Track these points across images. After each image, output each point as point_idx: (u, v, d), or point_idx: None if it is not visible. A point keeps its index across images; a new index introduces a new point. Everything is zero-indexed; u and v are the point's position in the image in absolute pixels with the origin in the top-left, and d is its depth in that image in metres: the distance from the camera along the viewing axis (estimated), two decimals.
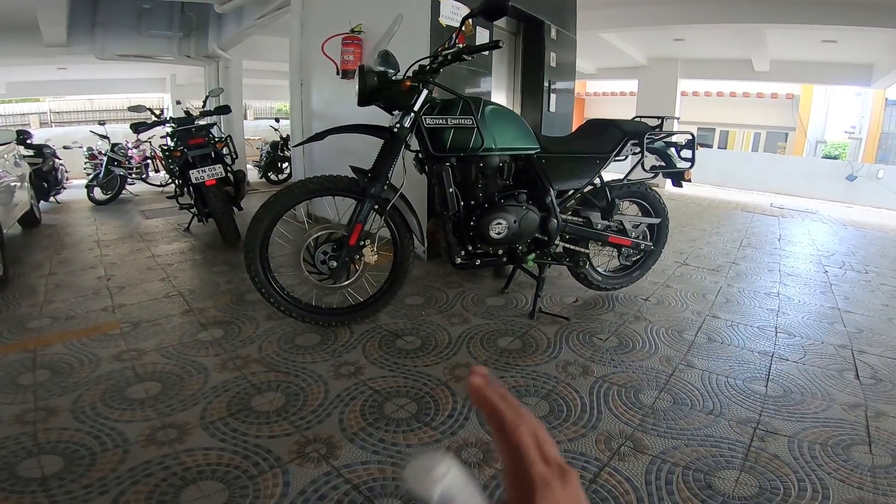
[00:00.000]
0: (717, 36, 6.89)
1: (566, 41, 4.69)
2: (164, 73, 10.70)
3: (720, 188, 8.83)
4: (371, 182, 2.04)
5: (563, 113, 4.80)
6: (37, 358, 1.96)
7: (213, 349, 2.05)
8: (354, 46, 3.62)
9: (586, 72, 9.76)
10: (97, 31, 6.68)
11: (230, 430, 1.52)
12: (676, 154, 2.59)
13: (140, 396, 1.70)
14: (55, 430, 1.51)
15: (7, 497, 1.25)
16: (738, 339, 2.29)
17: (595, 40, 6.93)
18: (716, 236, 4.53)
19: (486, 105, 2.16)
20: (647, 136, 2.42)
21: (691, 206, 6.32)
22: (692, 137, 2.58)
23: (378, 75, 2.04)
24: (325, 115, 4.25)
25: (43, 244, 3.91)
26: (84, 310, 2.48)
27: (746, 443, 1.53)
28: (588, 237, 2.50)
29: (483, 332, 2.26)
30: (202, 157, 3.56)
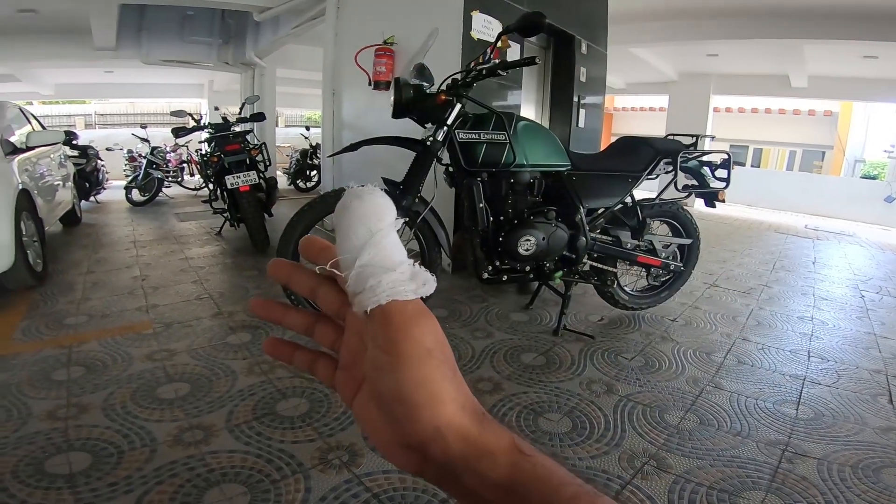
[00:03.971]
0: (752, 51, 6.74)
1: (596, 56, 4.68)
2: (203, 79, 11.07)
3: (752, 208, 8.59)
4: (402, 194, 2.06)
5: (592, 128, 4.77)
6: (72, 354, 2.03)
7: (240, 353, 2.09)
8: (387, 58, 3.68)
9: (615, 87, 9.69)
10: (143, 37, 6.98)
11: (255, 434, 1.54)
12: (711, 173, 2.54)
13: (169, 397, 1.74)
14: (86, 427, 1.55)
15: (32, 493, 1.27)
16: (769, 362, 2.23)
17: (625, 55, 6.88)
18: (747, 258, 4.40)
19: (518, 120, 2.17)
20: (680, 154, 2.39)
21: (722, 226, 6.17)
22: (728, 157, 2.52)
23: (413, 88, 2.07)
24: (355, 125, 4.32)
25: (82, 243, 4.07)
26: (119, 308, 2.56)
27: (774, 464, 1.50)
28: (617, 256, 2.46)
29: (507, 347, 2.24)
30: (237, 164, 3.67)
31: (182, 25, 7.02)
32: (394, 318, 0.26)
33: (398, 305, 0.26)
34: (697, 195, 2.61)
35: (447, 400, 0.27)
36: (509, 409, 1.75)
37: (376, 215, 0.27)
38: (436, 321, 0.28)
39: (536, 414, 1.72)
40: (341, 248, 0.28)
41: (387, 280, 0.26)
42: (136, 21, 6.74)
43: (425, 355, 0.26)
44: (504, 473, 0.26)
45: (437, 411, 0.26)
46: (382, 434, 0.29)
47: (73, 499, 1.26)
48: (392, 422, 0.28)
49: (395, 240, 0.28)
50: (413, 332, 0.26)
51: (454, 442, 0.26)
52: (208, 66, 7.86)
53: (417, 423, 0.26)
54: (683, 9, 5.74)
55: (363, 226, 0.27)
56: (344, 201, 0.28)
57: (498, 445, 0.27)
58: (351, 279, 0.27)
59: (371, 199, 0.28)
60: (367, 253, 0.27)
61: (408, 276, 0.27)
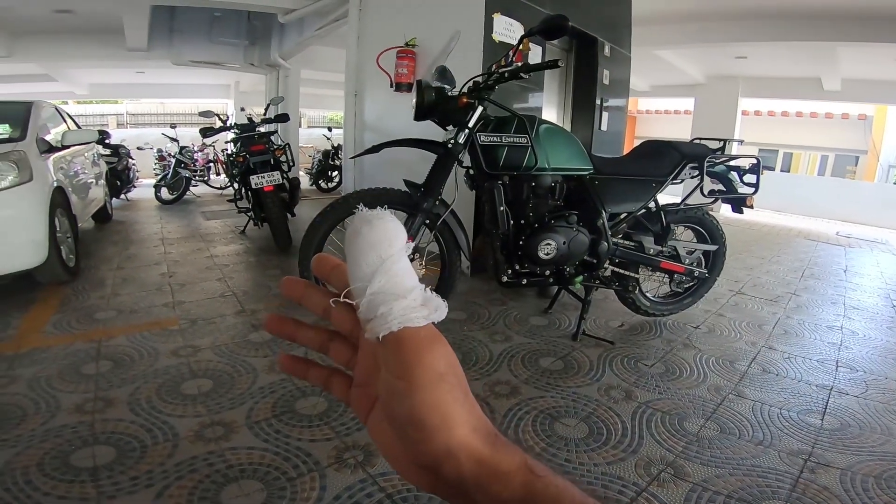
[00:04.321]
0: (783, 53, 6.56)
1: (620, 58, 4.62)
2: (230, 80, 11.32)
3: (782, 214, 8.35)
4: (423, 197, 2.06)
5: (615, 131, 4.71)
6: (101, 349, 2.10)
7: (262, 350, 2.13)
8: (408, 60, 3.70)
9: (639, 89, 9.54)
10: (174, 38, 7.20)
11: (273, 431, 1.56)
12: (739, 178, 2.48)
13: (193, 392, 1.78)
14: (111, 421, 1.59)
15: (56, 486, 1.30)
16: (795, 371, 2.17)
17: (649, 57, 6.76)
18: (775, 265, 4.28)
19: (540, 124, 2.15)
20: (707, 159, 2.34)
21: (749, 233, 6.02)
22: (757, 161, 2.46)
23: (435, 91, 2.07)
24: (377, 126, 4.36)
25: (113, 239, 4.20)
26: (147, 304, 2.63)
27: (795, 474, 1.47)
28: (639, 262, 2.43)
29: (525, 350, 2.23)
30: (262, 164, 3.73)
31: (210, 27, 7.20)
32: (406, 345, 0.27)
33: (410, 332, 0.27)
34: (724, 201, 2.55)
35: (459, 423, 0.27)
36: (525, 413, 1.74)
37: (387, 241, 0.27)
38: (447, 346, 0.28)
39: (553, 419, 1.71)
40: (352, 276, 0.28)
41: (398, 307, 0.27)
42: (167, 22, 6.94)
43: (437, 380, 0.27)
44: (516, 495, 0.26)
45: (449, 434, 0.27)
46: (396, 453, 0.29)
47: (96, 492, 1.28)
48: (405, 442, 0.28)
49: (405, 265, 0.28)
50: (425, 357, 0.27)
51: (466, 463, 0.27)
52: (235, 67, 8.04)
53: (430, 444, 0.27)
54: (711, 11, 5.62)
55: (374, 252, 0.27)
56: (354, 227, 0.28)
57: (510, 466, 0.27)
58: (363, 306, 0.27)
59: (381, 225, 0.28)
60: (378, 280, 0.27)
61: (419, 302, 0.27)
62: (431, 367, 0.27)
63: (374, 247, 0.27)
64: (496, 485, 0.27)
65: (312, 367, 0.34)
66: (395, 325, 0.26)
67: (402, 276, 0.27)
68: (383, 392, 0.29)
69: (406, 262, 0.28)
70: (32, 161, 2.71)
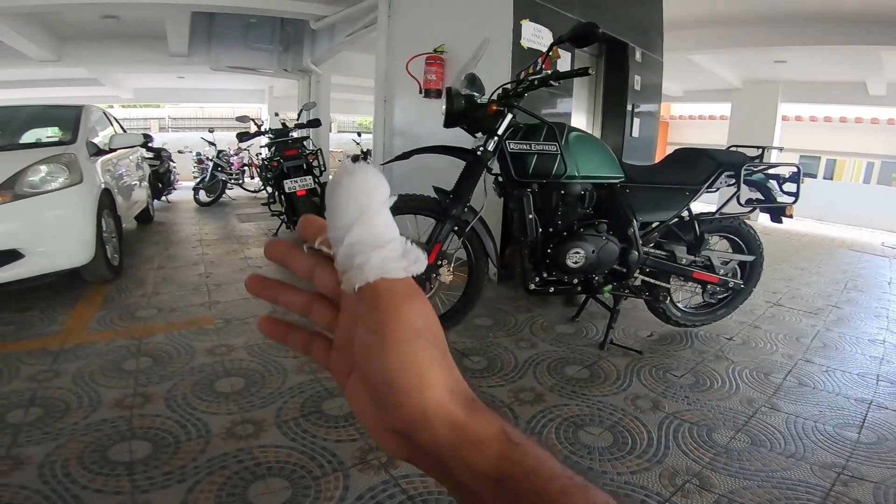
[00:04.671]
0: (825, 57, 6.31)
1: (651, 63, 4.54)
2: (264, 86, 11.64)
3: (824, 223, 8.01)
4: (452, 203, 2.08)
5: (647, 137, 4.63)
6: (141, 346, 2.19)
7: (292, 352, 2.17)
8: (437, 66, 3.73)
9: (672, 94, 9.33)
10: (212, 44, 7.47)
11: (301, 431, 1.60)
12: (778, 187, 2.40)
13: (226, 390, 1.84)
14: (149, 417, 1.65)
15: (94, 479, 1.35)
16: (833, 384, 2.10)
17: (683, 62, 6.62)
18: (816, 276, 4.11)
19: (570, 131, 2.14)
20: (745, 167, 2.27)
21: (789, 242, 5.80)
22: (798, 170, 2.38)
23: (465, 98, 2.09)
24: (406, 132, 4.41)
25: (154, 240, 4.38)
26: (185, 304, 2.74)
27: (827, 487, 1.43)
28: (670, 272, 2.38)
29: (550, 358, 2.21)
30: (295, 168, 3.83)
31: (246, 33, 7.46)
32: (382, 297, 0.26)
33: (387, 283, 0.26)
34: (763, 210, 2.48)
35: (435, 384, 0.26)
36: (549, 420, 1.72)
37: (367, 192, 0.26)
38: (427, 302, 0.27)
39: (577, 427, 1.69)
40: (331, 226, 0.27)
41: (376, 257, 0.26)
42: (206, 28, 7.22)
43: (413, 336, 0.25)
44: (493, 464, 0.25)
45: (424, 396, 0.25)
46: (372, 418, 0.28)
47: (130, 486, 1.33)
48: (380, 406, 0.27)
49: (386, 217, 0.27)
50: (401, 311, 0.26)
51: (442, 429, 0.25)
52: (269, 72, 8.28)
53: (404, 407, 0.26)
54: (747, 14, 5.47)
55: (353, 202, 0.26)
56: (335, 177, 0.27)
57: (487, 433, 0.26)
58: (340, 257, 0.26)
59: (363, 176, 0.27)
60: (357, 230, 0.26)
61: (398, 253, 0.26)
62: (407, 321, 0.26)
63: (354, 197, 0.26)
64: (472, 453, 0.25)
65: (293, 330, 0.33)
66: (372, 276, 0.25)
67: (381, 228, 0.26)
68: (359, 350, 0.27)
69: (388, 215, 0.27)
70: (82, 164, 2.86)
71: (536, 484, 0.24)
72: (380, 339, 0.25)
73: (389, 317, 0.25)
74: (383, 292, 0.26)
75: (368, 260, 0.25)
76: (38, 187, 2.56)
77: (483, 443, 0.25)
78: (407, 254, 0.26)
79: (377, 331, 0.26)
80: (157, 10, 5.61)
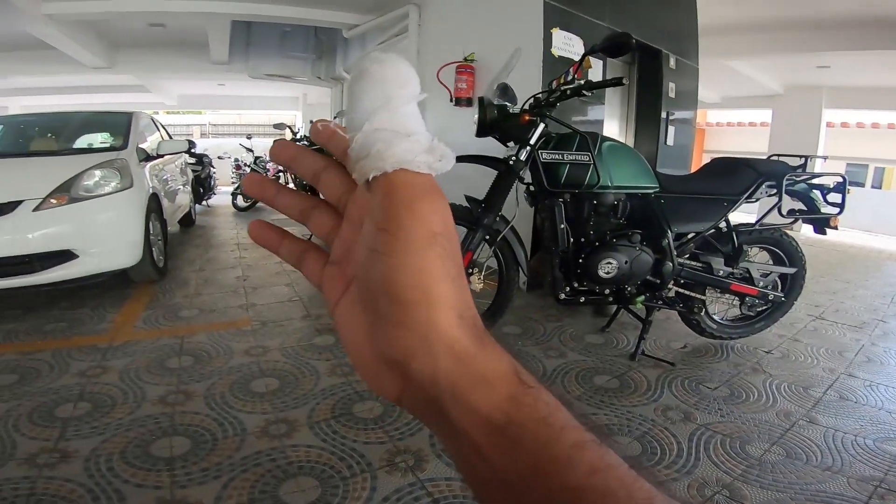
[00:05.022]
0: (870, 62, 6.03)
1: (686, 70, 4.45)
2: (298, 93, 11.97)
3: (871, 234, 7.62)
4: (484, 212, 2.09)
5: (682, 145, 4.53)
6: (184, 345, 2.29)
7: (325, 354, 2.23)
8: (467, 75, 3.76)
9: (708, 101, 9.09)
10: (251, 52, 7.77)
11: (331, 432, 1.64)
12: (822, 197, 2.32)
13: (261, 390, 1.90)
14: (189, 414, 1.72)
15: (136, 473, 1.41)
16: (876, 399, 2.02)
17: (720, 68, 6.45)
18: (862, 290, 3.93)
19: (603, 141, 2.13)
20: (787, 177, 2.21)
21: (834, 254, 5.55)
22: (843, 180, 2.29)
23: (497, 108, 2.11)
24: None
25: (195, 242, 4.57)
26: (224, 305, 2.84)
27: (864, 500, 1.39)
28: (706, 283, 2.32)
29: (579, 368, 2.19)
30: None
31: (281, 42, 7.72)
32: (399, 190, 0.22)
33: (406, 176, 0.22)
34: (806, 221, 2.40)
35: (444, 303, 0.22)
36: None
37: (397, 82, 0.23)
38: (447, 206, 0.23)
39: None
40: (350, 112, 0.24)
41: (398, 146, 0.22)
42: (244, 37, 7.51)
43: (429, 239, 0.22)
44: (498, 407, 0.22)
45: (430, 313, 0.22)
46: (361, 344, 0.25)
47: (170, 481, 1.39)
48: (375, 324, 0.23)
49: (414, 110, 0.24)
50: (419, 208, 0.22)
51: (444, 359, 0.22)
52: (303, 80, 8.51)
53: (404, 325, 0.22)
54: (786, 19, 5.29)
55: (379, 90, 0.23)
56: (360, 64, 0.24)
57: (496, 372, 0.22)
58: (356, 142, 0.23)
59: (393, 64, 0.23)
60: (380, 116, 0.23)
61: (424, 146, 0.23)
62: (424, 221, 0.22)
63: (381, 84, 0.23)
64: (475, 393, 0.22)
65: (286, 238, 0.30)
66: (391, 166, 0.22)
67: (408, 118, 0.23)
68: (361, 256, 0.24)
69: (416, 109, 0.24)
70: (133, 169, 3.02)
71: (546, 434, 0.21)
72: (389, 237, 0.22)
73: (404, 213, 0.22)
74: (400, 185, 0.22)
75: (389, 147, 0.22)
76: (92, 191, 2.71)
77: (489, 381, 0.22)
78: (433, 149, 0.23)
79: (388, 227, 0.22)
80: (200, 18, 5.87)
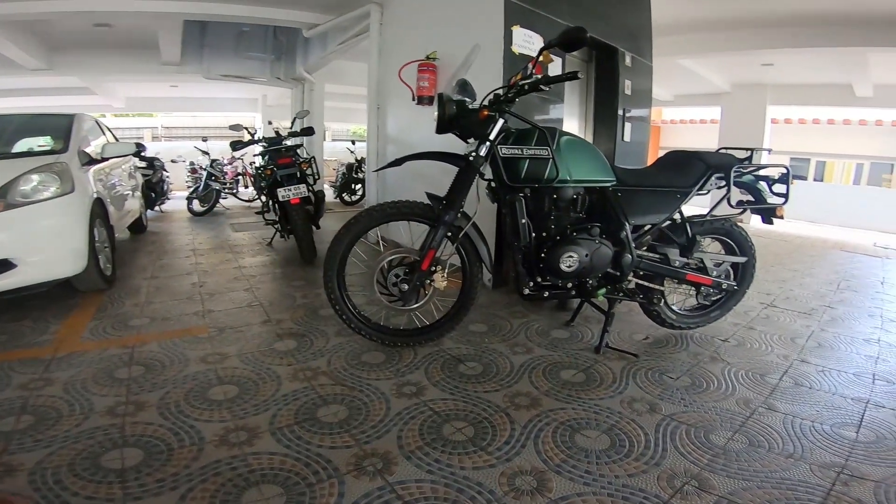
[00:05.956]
0: (811, 60, 6.40)
1: (641, 68, 4.58)
2: (257, 94, 11.67)
3: (816, 225, 8.08)
4: (445, 209, 2.08)
5: (638, 142, 4.67)
6: (134, 354, 2.17)
7: (286, 359, 2.17)
8: (429, 73, 3.75)
9: (663, 99, 9.44)
10: (205, 52, 7.49)
11: (295, 438, 1.59)
12: (768, 188, 2.42)
13: (219, 398, 1.82)
14: (141, 424, 1.64)
15: (85, 486, 1.34)
16: (830, 384, 2.11)
17: (672, 66, 6.69)
18: (809, 277, 4.14)
19: (561, 136, 2.16)
20: (734, 169, 2.30)
21: (782, 245, 5.84)
22: (787, 171, 2.41)
23: (456, 104, 2.10)
24: (400, 139, 4.42)
25: (147, 249, 4.36)
26: (178, 312, 2.72)
27: (827, 487, 1.43)
28: (664, 274, 2.39)
29: (546, 363, 2.21)
30: (289, 177, 3.82)
31: (238, 42, 7.48)
32: None
33: None
34: (753, 211, 2.50)
35: None
36: (546, 424, 1.72)
37: None
38: None
39: (573, 430, 1.69)
40: None
41: None
42: (198, 37, 7.24)
43: None
44: None
45: None
46: None
47: (122, 493, 1.32)
48: None
49: None
50: None
51: None
52: (262, 80, 8.30)
53: None
54: (732, 18, 5.53)
55: None
56: None
57: None
58: None
59: None
60: None
61: None
62: None
63: None
64: None
65: None
66: None
67: None
68: None
69: None
70: (74, 173, 2.85)
71: None
72: None
73: None
74: None
75: None
76: (29, 196, 2.55)
77: None
78: None
79: None
80: (149, 18, 5.62)
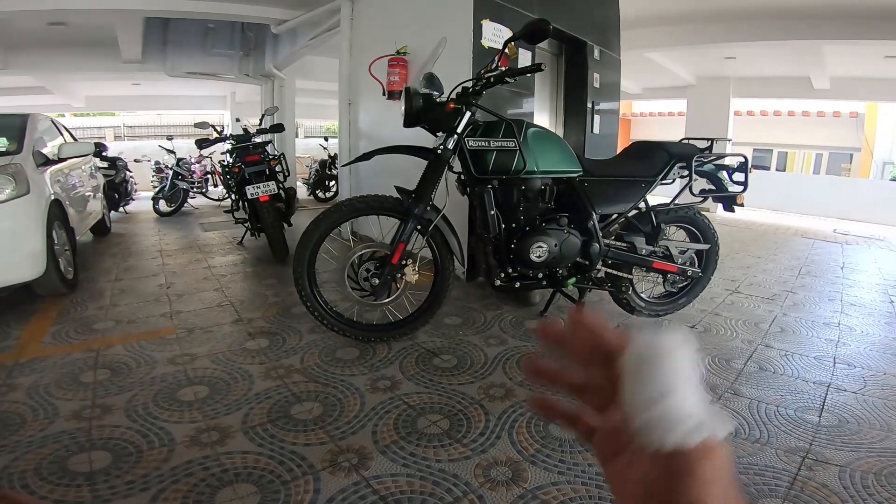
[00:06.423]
0: (771, 53, 6.62)
1: (610, 61, 4.66)
2: (225, 91, 11.39)
3: (778, 213, 8.38)
4: (415, 203, 2.09)
5: (608, 134, 4.75)
6: (99, 357, 2.11)
7: (258, 358, 2.14)
8: (400, 68, 3.74)
9: (631, 92, 9.60)
10: (168, 49, 7.24)
11: (269, 436, 1.58)
12: (728, 177, 2.50)
13: (189, 399, 1.79)
14: (108, 427, 1.61)
15: (53, 490, 1.31)
16: (792, 368, 2.18)
17: (640, 60, 6.81)
18: (772, 264, 4.30)
19: (528, 127, 2.18)
20: (695, 158, 2.37)
21: (746, 232, 6.04)
22: (745, 160, 2.49)
23: (423, 97, 2.10)
24: (371, 134, 4.39)
25: (111, 251, 4.22)
26: (145, 314, 2.65)
27: (793, 472, 1.48)
28: (631, 262, 2.45)
29: (520, 353, 2.24)
30: (257, 174, 3.76)
31: (204, 38, 7.25)
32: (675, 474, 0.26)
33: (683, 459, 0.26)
34: (715, 199, 2.58)
35: None
36: (520, 414, 1.75)
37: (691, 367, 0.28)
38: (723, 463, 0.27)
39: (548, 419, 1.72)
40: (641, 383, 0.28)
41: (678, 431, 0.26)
42: (161, 34, 6.99)
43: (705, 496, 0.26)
44: None
45: None
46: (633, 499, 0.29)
47: (91, 496, 1.30)
48: None
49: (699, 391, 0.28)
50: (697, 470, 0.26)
51: None
52: (230, 77, 8.10)
53: None
54: (696, 12, 5.68)
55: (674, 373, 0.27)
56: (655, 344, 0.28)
57: None
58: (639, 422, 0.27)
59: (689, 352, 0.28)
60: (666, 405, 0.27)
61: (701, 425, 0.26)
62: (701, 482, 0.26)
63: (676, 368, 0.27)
64: None
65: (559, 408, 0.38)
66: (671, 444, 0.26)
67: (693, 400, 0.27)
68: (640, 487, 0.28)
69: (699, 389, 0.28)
70: (29, 174, 2.74)
71: None
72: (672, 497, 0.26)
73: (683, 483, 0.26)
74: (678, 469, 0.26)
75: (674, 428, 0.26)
76: None
77: None
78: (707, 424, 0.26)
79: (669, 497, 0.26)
80: (107, 16, 5.41)
